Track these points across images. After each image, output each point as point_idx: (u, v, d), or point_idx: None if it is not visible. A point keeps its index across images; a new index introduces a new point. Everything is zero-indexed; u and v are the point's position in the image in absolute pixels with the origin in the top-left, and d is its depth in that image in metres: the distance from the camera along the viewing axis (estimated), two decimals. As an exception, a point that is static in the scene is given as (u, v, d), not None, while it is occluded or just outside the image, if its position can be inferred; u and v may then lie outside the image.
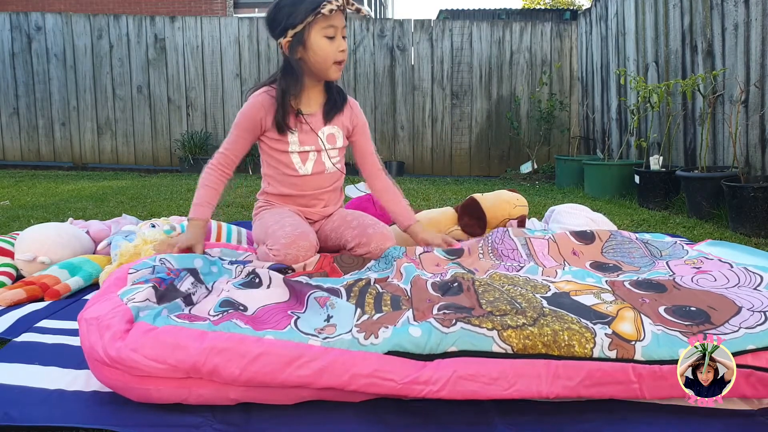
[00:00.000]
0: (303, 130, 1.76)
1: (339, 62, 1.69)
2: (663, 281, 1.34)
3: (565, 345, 1.02)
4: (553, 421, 1.01)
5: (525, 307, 1.14)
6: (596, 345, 1.02)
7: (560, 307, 1.15)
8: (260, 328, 1.08)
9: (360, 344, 1.02)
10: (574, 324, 1.06)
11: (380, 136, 6.76)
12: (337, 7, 1.60)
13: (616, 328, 1.06)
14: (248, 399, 1.03)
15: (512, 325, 1.05)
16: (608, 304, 1.18)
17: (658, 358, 1.01)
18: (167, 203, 3.71)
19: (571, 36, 6.61)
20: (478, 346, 1.01)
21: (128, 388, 1.03)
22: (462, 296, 1.24)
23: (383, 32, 6.69)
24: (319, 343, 1.02)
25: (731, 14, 3.50)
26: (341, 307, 1.17)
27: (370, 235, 1.71)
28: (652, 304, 1.19)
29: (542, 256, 1.63)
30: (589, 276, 1.42)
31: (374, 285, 1.38)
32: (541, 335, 1.03)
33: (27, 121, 6.79)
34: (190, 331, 1.05)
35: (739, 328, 1.07)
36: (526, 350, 1.01)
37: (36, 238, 1.89)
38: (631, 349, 1.02)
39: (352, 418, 1.02)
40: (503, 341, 1.02)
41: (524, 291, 1.26)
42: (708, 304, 1.18)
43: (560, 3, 18.89)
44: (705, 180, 3.19)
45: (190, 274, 1.38)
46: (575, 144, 6.29)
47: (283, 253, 1.58)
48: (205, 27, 6.71)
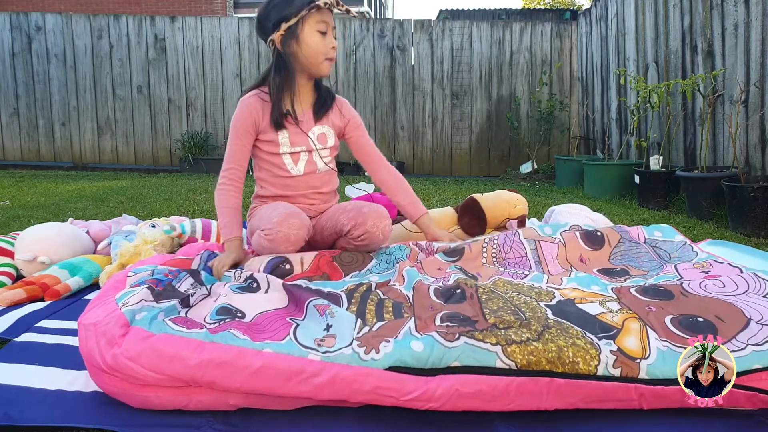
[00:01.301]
0: (293, 131, 1.76)
1: (330, 58, 1.72)
2: (670, 287, 1.31)
3: (569, 362, 1.00)
4: (553, 422, 1.01)
5: (530, 317, 1.12)
6: (600, 362, 1.01)
7: (565, 318, 1.13)
8: (259, 338, 1.06)
9: (360, 359, 1.00)
10: (579, 339, 1.04)
11: (380, 136, 6.76)
12: (332, 2, 1.65)
13: (622, 344, 1.05)
14: (248, 405, 1.03)
15: (516, 340, 1.03)
16: (614, 314, 1.15)
17: (662, 377, 1.00)
18: (167, 203, 3.71)
19: (571, 36, 6.61)
20: (482, 362, 1.00)
21: (127, 394, 1.03)
22: (465, 304, 1.21)
23: (383, 32, 6.69)
24: (319, 357, 1.01)
25: (731, 14, 3.50)
26: (341, 317, 1.14)
27: (365, 214, 1.70)
28: (659, 313, 1.17)
29: (550, 261, 1.60)
30: (595, 283, 1.39)
31: (375, 291, 1.36)
32: (546, 351, 1.01)
33: (27, 121, 6.79)
34: (187, 341, 1.03)
35: (746, 345, 1.05)
36: (530, 366, 0.99)
37: (36, 238, 1.89)
38: (636, 368, 1.01)
39: (352, 419, 1.02)
40: (507, 357, 1.00)
41: (528, 299, 1.24)
42: (716, 314, 1.14)
43: (560, 3, 18.88)
44: (705, 180, 3.19)
45: (190, 275, 1.38)
46: (575, 144, 6.29)
47: (275, 231, 1.58)
48: (205, 27, 6.71)
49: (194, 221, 2.20)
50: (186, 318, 1.16)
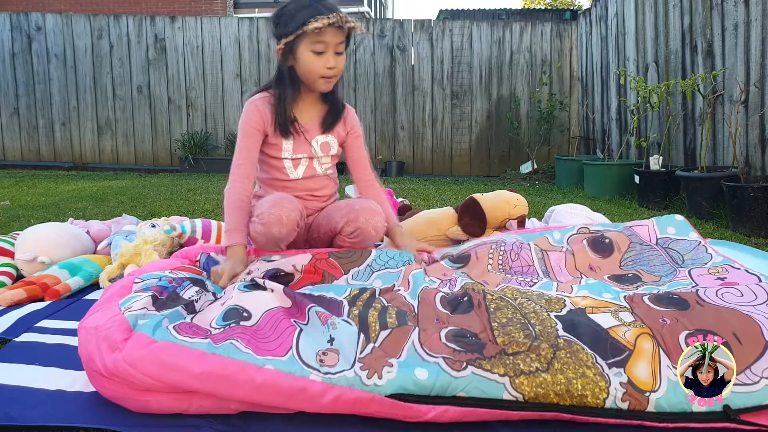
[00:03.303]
0: (297, 139, 1.77)
1: (327, 77, 1.68)
2: (685, 295, 1.25)
3: (578, 395, 0.98)
4: (554, 424, 1.01)
5: (539, 332, 1.09)
6: (609, 395, 0.98)
7: (576, 334, 1.10)
8: (262, 352, 1.05)
9: (363, 383, 0.99)
10: (589, 369, 1.01)
11: (380, 136, 6.76)
12: (328, 24, 1.57)
13: (632, 373, 1.01)
14: (249, 409, 1.04)
15: (525, 371, 1.00)
16: (626, 327, 1.11)
17: (669, 410, 0.98)
18: (167, 203, 3.71)
19: (571, 36, 6.61)
20: (489, 394, 0.98)
21: (127, 399, 1.03)
22: (473, 314, 1.18)
23: (383, 32, 6.69)
24: (321, 378, 1.00)
25: (731, 14, 3.50)
26: (342, 330, 1.13)
27: (357, 211, 1.70)
28: (673, 327, 1.11)
29: (558, 271, 1.57)
30: (607, 290, 1.35)
31: (379, 298, 1.33)
32: (554, 383, 0.99)
33: (27, 121, 6.79)
34: (189, 351, 1.02)
35: (760, 378, 1.00)
36: (537, 399, 0.98)
37: (36, 238, 1.89)
38: (645, 401, 0.98)
39: (352, 421, 1.01)
40: (515, 389, 0.98)
41: (538, 308, 1.20)
42: (733, 330, 1.08)
43: (560, 3, 18.89)
44: (705, 180, 3.19)
45: (193, 283, 1.37)
46: (575, 144, 6.29)
47: (267, 213, 1.58)
48: (205, 27, 6.71)
49: (194, 221, 2.20)
50: (191, 324, 1.15)
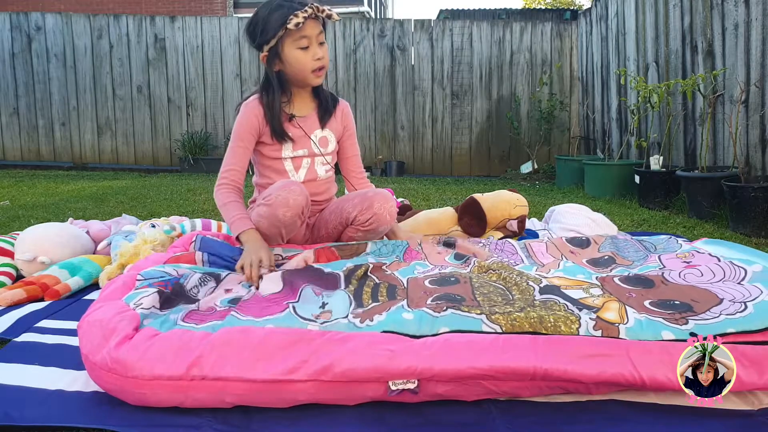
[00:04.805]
0: (295, 134, 1.76)
1: (318, 69, 1.68)
2: (652, 276, 1.38)
3: (551, 326, 1.09)
4: (553, 422, 1.01)
5: (517, 298, 1.24)
6: (581, 326, 1.09)
7: (550, 297, 1.23)
8: (261, 315, 1.17)
9: (356, 327, 1.11)
10: (560, 310, 1.14)
11: (380, 136, 6.76)
12: (304, 18, 1.58)
13: (601, 315, 1.13)
14: (244, 402, 1.03)
15: (500, 312, 1.13)
16: (595, 298, 1.24)
17: (642, 339, 1.06)
18: (167, 203, 3.71)
19: (572, 36, 6.61)
20: (468, 327, 1.09)
21: (124, 391, 1.03)
22: (458, 286, 1.33)
23: (383, 32, 6.69)
24: (317, 327, 1.12)
25: (731, 14, 3.50)
26: (336, 296, 1.27)
27: (370, 198, 1.71)
28: (638, 298, 1.24)
29: (540, 255, 1.68)
30: (581, 272, 1.47)
31: (371, 275, 1.45)
32: (528, 318, 1.11)
33: (27, 121, 6.79)
34: (194, 333, 1.10)
35: (719, 314, 1.12)
36: (513, 329, 1.09)
37: (36, 238, 1.89)
38: (615, 330, 1.08)
39: (352, 418, 1.02)
40: (492, 322, 1.10)
41: (519, 279, 1.34)
42: (692, 298, 1.22)
43: (560, 3, 18.89)
44: (705, 180, 3.19)
45: (195, 271, 1.42)
46: (575, 144, 6.28)
47: (274, 195, 1.58)
48: (205, 27, 6.71)
49: (194, 221, 2.20)
50: (198, 311, 1.24)
